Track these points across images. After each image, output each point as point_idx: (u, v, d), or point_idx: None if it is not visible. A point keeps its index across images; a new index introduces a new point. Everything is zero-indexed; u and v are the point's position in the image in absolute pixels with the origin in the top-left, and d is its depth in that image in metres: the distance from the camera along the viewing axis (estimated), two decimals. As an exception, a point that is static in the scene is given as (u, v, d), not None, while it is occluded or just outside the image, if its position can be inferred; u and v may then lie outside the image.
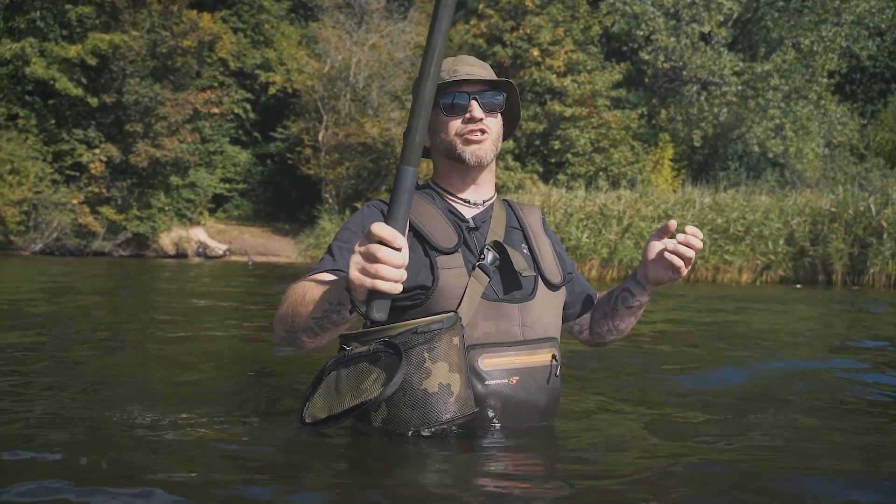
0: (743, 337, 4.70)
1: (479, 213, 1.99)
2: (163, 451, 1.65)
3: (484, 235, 1.92)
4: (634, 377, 3.00)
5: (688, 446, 1.82)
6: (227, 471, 1.52)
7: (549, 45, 25.91)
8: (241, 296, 8.15)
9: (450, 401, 1.59)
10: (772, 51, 26.83)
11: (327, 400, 1.63)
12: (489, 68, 2.01)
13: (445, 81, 1.89)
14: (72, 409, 2.08)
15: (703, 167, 26.91)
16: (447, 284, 1.78)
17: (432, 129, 1.97)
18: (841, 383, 2.91)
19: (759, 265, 14.52)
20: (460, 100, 1.90)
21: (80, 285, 8.86)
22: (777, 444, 1.85)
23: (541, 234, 2.05)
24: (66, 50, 24.46)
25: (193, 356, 3.31)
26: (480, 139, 1.90)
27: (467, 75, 1.91)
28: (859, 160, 28.60)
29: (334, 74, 28.12)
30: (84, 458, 1.56)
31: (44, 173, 24.48)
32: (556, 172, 25.12)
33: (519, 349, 1.81)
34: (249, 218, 32.17)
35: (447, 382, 1.60)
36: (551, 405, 1.89)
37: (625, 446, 1.84)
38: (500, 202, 2.05)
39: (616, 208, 15.84)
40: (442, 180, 2.01)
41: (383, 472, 1.51)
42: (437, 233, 1.86)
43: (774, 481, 1.50)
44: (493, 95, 1.93)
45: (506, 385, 1.78)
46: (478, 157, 1.91)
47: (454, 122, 1.92)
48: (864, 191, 15.19)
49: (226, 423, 1.93)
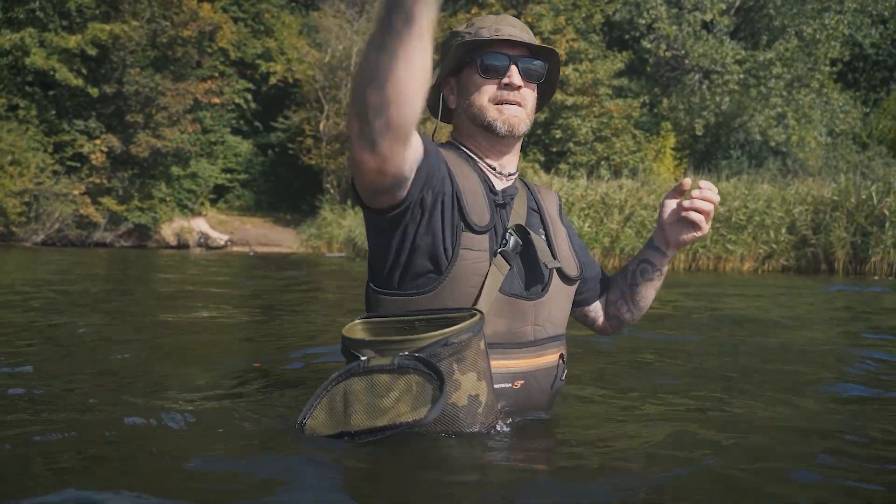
0: (749, 322, 4.70)
1: (508, 186, 1.80)
2: (162, 439, 1.65)
3: (508, 215, 1.72)
4: (630, 365, 3.01)
5: (690, 435, 1.82)
6: (228, 463, 1.52)
7: (551, 34, 25.80)
8: (242, 285, 8.15)
9: (478, 412, 1.51)
10: (774, 39, 26.72)
11: (331, 415, 1.49)
12: (530, 32, 1.82)
13: (485, 39, 1.72)
14: (73, 398, 2.08)
15: (705, 156, 26.85)
16: (465, 270, 1.60)
17: (462, 90, 1.79)
18: (846, 370, 2.91)
19: (760, 254, 14.50)
20: (500, 61, 1.72)
21: (83, 276, 8.87)
22: (780, 437, 1.85)
23: (557, 220, 1.88)
24: (65, 40, 24.39)
25: (196, 346, 3.32)
26: (515, 109, 1.73)
27: (510, 36, 1.73)
28: (862, 149, 28.51)
29: (335, 64, 28.04)
30: (85, 449, 1.57)
31: (45, 164, 24.47)
32: (558, 162, 25.07)
33: (527, 350, 1.68)
34: (251, 208, 32.16)
35: (475, 393, 1.51)
36: (551, 405, 1.82)
37: (624, 437, 1.84)
38: (520, 180, 1.88)
39: (618, 197, 15.81)
40: (468, 142, 1.81)
41: (383, 471, 1.46)
42: (475, 206, 1.65)
43: (781, 473, 1.50)
44: (534, 62, 1.75)
45: (509, 389, 1.65)
46: (511, 125, 1.73)
47: (489, 85, 1.74)
48: (866, 179, 15.14)
49: (229, 414, 1.94)
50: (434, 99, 1.84)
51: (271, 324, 4.43)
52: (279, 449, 1.58)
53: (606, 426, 1.91)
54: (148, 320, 4.23)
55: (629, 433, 1.82)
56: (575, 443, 1.68)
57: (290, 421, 1.82)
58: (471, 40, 1.73)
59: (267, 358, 2.94)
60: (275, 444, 1.63)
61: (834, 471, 1.49)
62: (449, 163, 1.66)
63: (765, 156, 26.35)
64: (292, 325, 4.28)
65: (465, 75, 1.78)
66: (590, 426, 1.87)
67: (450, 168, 1.65)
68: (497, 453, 1.53)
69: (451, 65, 1.78)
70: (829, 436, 1.82)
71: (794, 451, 1.64)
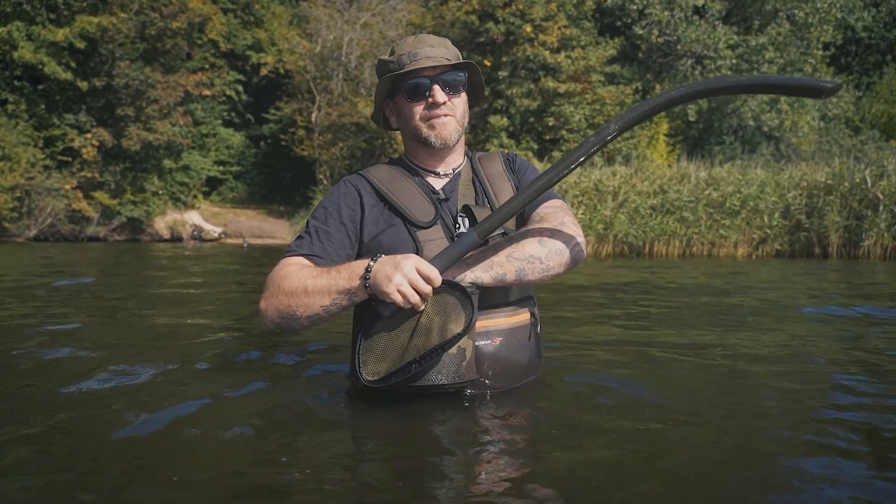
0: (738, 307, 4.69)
1: (447, 182, 2.04)
2: (159, 433, 1.63)
3: (454, 204, 1.97)
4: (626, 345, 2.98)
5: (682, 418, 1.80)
6: (229, 459, 1.50)
7: (542, 21, 25.69)
8: (236, 277, 8.12)
9: (462, 364, 1.71)
10: (766, 23, 26.67)
11: (381, 357, 1.74)
12: (449, 44, 2.02)
13: (406, 70, 1.92)
14: (72, 394, 2.05)
15: (698, 142, 26.85)
16: (432, 255, 1.80)
17: (398, 113, 2.03)
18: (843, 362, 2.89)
19: (754, 239, 14.52)
20: (422, 85, 1.93)
21: (76, 270, 8.83)
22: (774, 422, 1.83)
23: (500, 178, 2.04)
24: (53, 33, 24.22)
25: (192, 339, 3.29)
26: (445, 122, 1.95)
27: (427, 58, 1.93)
28: (854, 133, 28.55)
29: (326, 54, 27.90)
30: (81, 443, 1.54)
31: (35, 159, 24.34)
32: (551, 149, 25.03)
33: (502, 311, 1.88)
34: (244, 200, 32.08)
35: (463, 347, 1.72)
36: (534, 361, 1.97)
37: (612, 411, 1.82)
38: (467, 162, 2.09)
39: (611, 184, 15.79)
40: (412, 156, 2.07)
41: (379, 444, 1.54)
42: (415, 207, 1.92)
43: (769, 458, 1.48)
44: (454, 75, 1.95)
45: (489, 345, 1.86)
46: (443, 138, 1.96)
47: (418, 106, 1.96)
48: (859, 163, 15.15)
49: (227, 405, 1.91)
50: (379, 119, 2.13)
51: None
52: (266, 426, 1.56)
53: (595, 393, 1.89)
54: (142, 313, 4.20)
55: (614, 405, 1.80)
56: (560, 420, 1.67)
57: (280, 406, 1.80)
58: (393, 74, 1.95)
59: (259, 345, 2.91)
60: (265, 427, 1.61)
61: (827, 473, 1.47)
62: (382, 184, 1.97)
63: (758, 141, 26.35)
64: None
65: (397, 101, 2.02)
66: (576, 394, 1.85)
67: (377, 191, 1.97)
68: (490, 421, 1.69)
69: (383, 93, 2.03)
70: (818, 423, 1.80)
71: (797, 451, 1.62)
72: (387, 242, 1.90)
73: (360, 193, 1.97)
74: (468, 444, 1.54)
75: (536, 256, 1.81)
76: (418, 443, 1.56)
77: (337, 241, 1.93)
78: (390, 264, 1.66)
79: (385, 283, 1.65)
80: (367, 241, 1.93)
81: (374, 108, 2.11)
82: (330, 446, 1.52)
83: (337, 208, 1.96)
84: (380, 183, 1.98)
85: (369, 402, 1.82)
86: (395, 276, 1.64)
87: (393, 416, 1.72)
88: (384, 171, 2.03)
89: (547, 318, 3.49)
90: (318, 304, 1.76)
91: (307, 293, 1.76)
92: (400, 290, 1.64)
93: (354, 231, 1.95)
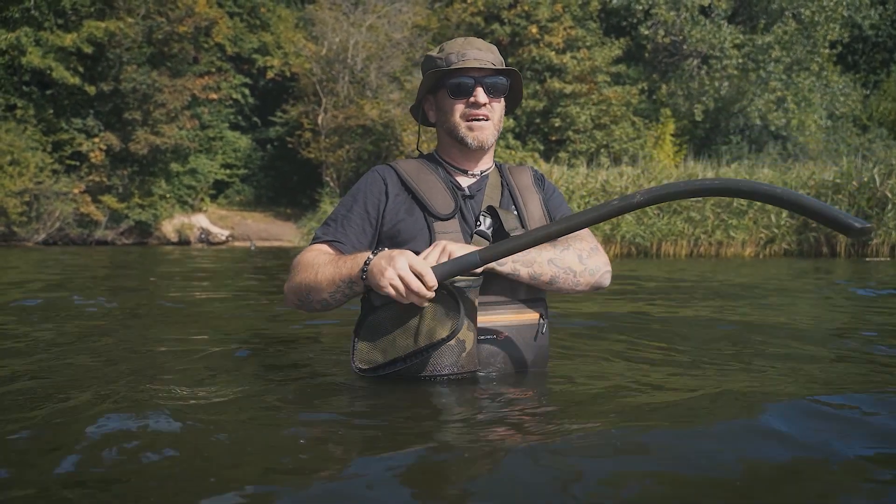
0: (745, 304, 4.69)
1: (474, 181, 2.10)
2: (169, 434, 1.65)
3: (479, 203, 2.04)
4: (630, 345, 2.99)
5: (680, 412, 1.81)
6: (228, 458, 1.51)
7: (548, 22, 25.71)
8: (245, 279, 8.16)
9: (462, 355, 1.81)
10: (772, 22, 26.60)
11: (374, 347, 1.85)
12: (496, 50, 2.09)
13: (454, 67, 2.00)
14: (83, 392, 2.08)
15: (705, 141, 26.80)
16: None
17: (438, 108, 2.10)
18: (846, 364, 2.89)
19: (762, 239, 14.49)
20: (466, 83, 2.00)
21: (87, 274, 8.88)
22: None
23: (530, 190, 2.12)
24: (61, 38, 24.35)
25: (203, 341, 3.32)
26: (483, 125, 2.02)
27: (475, 60, 2.00)
28: (862, 131, 28.43)
29: (332, 57, 27.96)
30: (94, 441, 1.56)
31: (44, 163, 24.47)
32: (558, 150, 25.03)
33: (508, 308, 1.95)
34: (251, 203, 32.17)
35: (463, 339, 1.81)
36: (539, 360, 2.03)
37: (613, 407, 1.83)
38: (496, 168, 2.17)
39: (618, 185, 15.80)
40: (444, 153, 2.14)
41: (374, 433, 1.53)
42: (436, 199, 1.99)
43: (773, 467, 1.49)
44: (497, 79, 2.03)
45: (495, 339, 1.94)
46: (480, 141, 2.03)
47: (459, 104, 2.03)
48: (867, 162, 15.10)
49: (235, 407, 1.93)
50: (418, 112, 2.19)
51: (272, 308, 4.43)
52: (268, 425, 1.57)
53: (600, 389, 1.90)
54: (151, 314, 4.23)
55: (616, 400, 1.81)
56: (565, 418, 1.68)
57: (286, 405, 1.82)
58: (440, 70, 2.02)
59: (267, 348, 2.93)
60: (269, 423, 1.63)
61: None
62: (408, 175, 2.04)
63: (765, 140, 26.28)
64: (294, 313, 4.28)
65: (439, 96, 2.09)
66: (583, 392, 1.86)
67: (403, 182, 2.04)
68: (495, 410, 1.73)
69: (427, 88, 2.09)
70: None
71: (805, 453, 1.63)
72: (404, 231, 1.98)
73: (385, 182, 2.04)
74: (471, 438, 1.55)
75: (573, 270, 1.95)
76: (417, 438, 1.56)
77: (358, 227, 2.02)
78: (386, 259, 1.75)
79: (379, 276, 1.73)
80: (388, 229, 2.00)
81: (415, 102, 2.17)
82: (330, 440, 1.54)
83: (363, 196, 2.04)
84: (406, 174, 2.05)
85: (373, 394, 1.87)
86: (387, 271, 1.72)
87: (396, 408, 1.76)
88: (413, 163, 2.11)
89: (555, 316, 3.50)
90: (326, 290, 1.87)
91: (317, 280, 1.88)
92: (392, 284, 1.71)
93: (377, 218, 2.03)
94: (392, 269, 1.71)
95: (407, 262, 1.72)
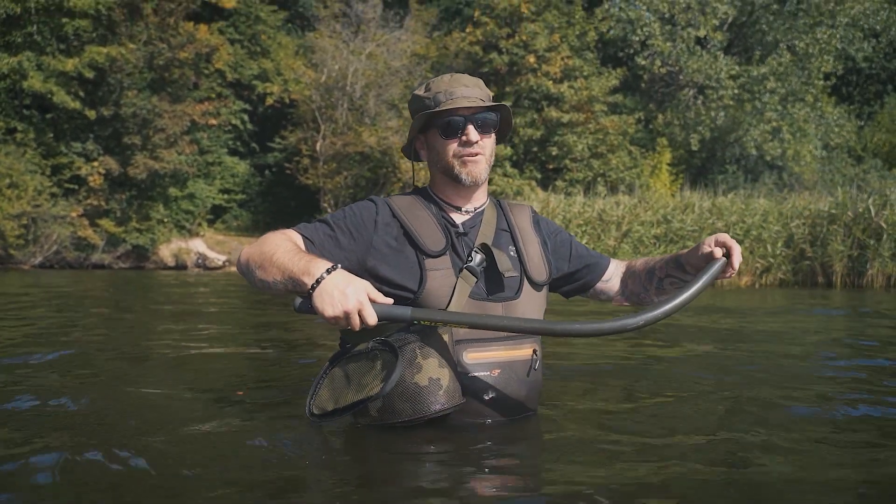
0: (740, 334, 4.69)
1: (468, 218, 2.11)
2: (161, 459, 1.64)
3: (473, 239, 2.04)
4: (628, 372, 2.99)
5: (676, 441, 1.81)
6: (225, 473, 1.51)
7: (546, 52, 25.96)
8: (239, 304, 8.15)
9: (439, 393, 1.79)
10: (767, 54, 26.90)
11: (333, 392, 1.87)
12: (482, 85, 2.10)
13: (443, 108, 1.99)
14: (76, 416, 2.07)
15: (701, 171, 26.95)
16: (435, 286, 1.92)
17: (430, 147, 2.10)
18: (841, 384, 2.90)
19: (758, 268, 14.50)
20: (456, 122, 2.00)
21: (83, 298, 8.86)
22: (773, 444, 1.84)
23: (528, 232, 2.15)
24: (63, 63, 24.50)
25: (195, 367, 3.31)
26: (476, 161, 2.02)
27: (463, 98, 2.01)
28: (857, 162, 28.64)
29: (331, 84, 28.16)
30: (84, 466, 1.55)
31: (42, 187, 24.49)
32: (555, 179, 25.13)
33: (501, 344, 1.95)
34: (248, 228, 32.17)
35: (437, 377, 1.79)
36: (532, 396, 2.04)
37: (609, 441, 1.83)
38: (492, 204, 2.17)
39: (615, 214, 15.83)
40: (438, 190, 2.14)
41: (376, 468, 1.63)
42: (427, 236, 1.99)
43: (767, 486, 1.49)
44: (487, 115, 2.03)
45: (488, 377, 1.93)
46: (473, 176, 2.04)
47: (451, 144, 2.03)
48: (862, 192, 15.17)
49: (226, 429, 1.93)
50: (410, 151, 2.19)
51: (260, 349, 4.41)
52: (268, 454, 1.57)
53: (597, 424, 1.90)
54: (147, 341, 4.22)
55: (611, 437, 1.80)
56: (557, 445, 1.68)
57: (280, 430, 1.81)
58: (430, 112, 2.01)
59: (252, 384, 2.92)
60: (265, 450, 1.62)
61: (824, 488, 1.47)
62: (401, 211, 2.03)
63: (760, 170, 26.44)
64: (284, 341, 4.27)
65: (430, 136, 2.09)
66: (579, 425, 1.86)
67: (395, 217, 2.03)
68: (485, 449, 1.80)
69: (418, 128, 2.10)
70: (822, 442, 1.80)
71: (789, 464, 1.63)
72: (394, 265, 1.97)
73: (377, 211, 2.04)
74: (461, 471, 1.61)
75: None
76: (412, 470, 1.63)
77: (334, 239, 1.99)
78: (345, 279, 1.72)
79: (333, 290, 1.70)
80: (375, 262, 1.98)
81: (406, 142, 2.18)
82: (323, 477, 1.53)
83: (352, 216, 2.04)
84: (398, 208, 2.05)
85: (359, 436, 1.91)
86: (335, 300, 1.69)
87: (389, 446, 1.80)
88: (406, 199, 2.11)
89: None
90: (271, 276, 1.83)
91: (270, 262, 1.83)
92: (332, 303, 1.68)
93: (356, 240, 2.00)
94: (340, 293, 1.68)
95: (366, 292, 1.72)
